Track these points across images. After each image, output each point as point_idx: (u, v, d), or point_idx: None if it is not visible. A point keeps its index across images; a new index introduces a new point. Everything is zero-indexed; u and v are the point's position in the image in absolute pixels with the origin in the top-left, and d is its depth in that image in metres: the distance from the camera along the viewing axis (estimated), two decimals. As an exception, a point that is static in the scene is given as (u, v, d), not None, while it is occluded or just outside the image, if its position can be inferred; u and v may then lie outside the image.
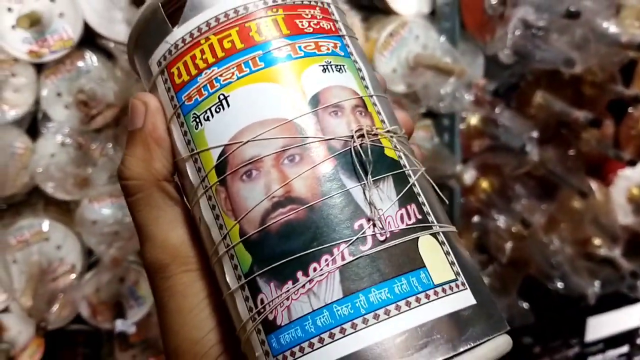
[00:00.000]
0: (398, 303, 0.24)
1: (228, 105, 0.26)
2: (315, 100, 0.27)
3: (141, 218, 0.30)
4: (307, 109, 0.26)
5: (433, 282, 0.24)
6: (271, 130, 0.26)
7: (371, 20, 0.80)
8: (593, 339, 1.11)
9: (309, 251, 0.24)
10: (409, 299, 0.24)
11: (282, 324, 0.24)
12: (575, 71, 0.83)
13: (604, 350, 1.13)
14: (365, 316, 0.23)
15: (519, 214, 0.91)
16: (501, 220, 0.90)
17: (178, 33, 0.28)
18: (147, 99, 0.30)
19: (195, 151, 0.27)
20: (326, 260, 0.24)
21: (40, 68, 0.70)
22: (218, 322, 0.30)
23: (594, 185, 1.02)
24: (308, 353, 0.24)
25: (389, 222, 0.25)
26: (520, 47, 0.80)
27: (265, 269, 0.25)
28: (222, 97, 0.27)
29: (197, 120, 0.27)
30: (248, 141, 0.26)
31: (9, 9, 0.65)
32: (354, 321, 0.23)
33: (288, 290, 0.24)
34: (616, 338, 1.13)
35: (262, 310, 0.25)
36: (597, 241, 1.03)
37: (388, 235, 0.25)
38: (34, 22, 0.62)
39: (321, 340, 0.24)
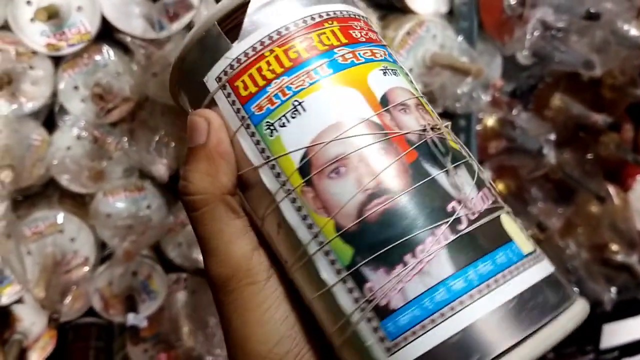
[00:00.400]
0: (502, 272, 0.26)
1: (304, 110, 0.28)
2: (385, 100, 0.29)
3: (205, 232, 0.31)
4: (381, 107, 0.29)
5: (523, 253, 0.27)
6: (353, 128, 0.28)
7: (389, 19, 0.79)
8: (608, 346, 1.10)
9: (412, 235, 0.26)
10: (510, 269, 0.26)
11: (398, 307, 0.26)
12: (595, 74, 0.82)
13: (620, 357, 1.11)
14: (479, 287, 0.26)
15: (535, 217, 0.90)
16: (516, 223, 0.89)
17: (239, 48, 0.29)
18: (208, 115, 0.31)
19: (272, 158, 0.28)
20: (430, 241, 0.26)
21: (57, 61, 0.70)
22: (284, 334, 0.30)
23: (612, 190, 1.00)
24: (431, 329, 0.25)
25: (474, 204, 0.27)
26: (539, 49, 0.79)
27: (371, 257, 0.26)
28: (296, 103, 0.28)
29: (272, 127, 0.28)
30: (332, 140, 0.27)
31: (28, 2, 0.66)
32: (470, 293, 0.25)
33: (399, 274, 0.26)
34: (632, 346, 1.12)
35: (372, 298, 0.26)
36: (614, 247, 1.01)
37: (477, 215, 0.27)
38: (52, 15, 0.63)
39: (442, 315, 0.25)
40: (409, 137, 0.28)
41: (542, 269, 0.28)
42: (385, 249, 0.26)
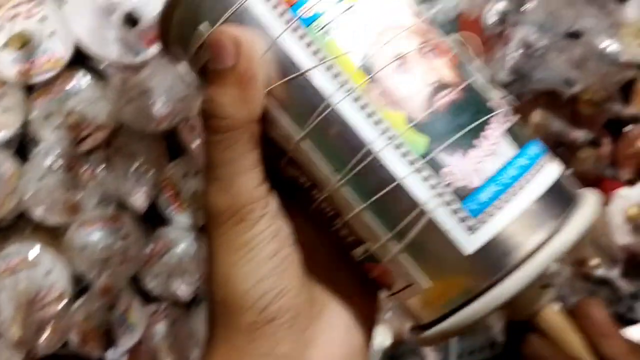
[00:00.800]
0: (544, 156, 0.32)
1: (356, 13, 0.29)
2: (420, 12, 0.32)
3: (219, 158, 0.30)
4: (422, 17, 0.32)
5: (544, 150, 0.32)
6: (406, 31, 0.30)
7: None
8: (591, 360, 1.10)
9: (479, 121, 0.29)
10: (545, 156, 0.32)
11: (478, 186, 0.28)
12: (574, 90, 0.82)
13: (603, 371, 1.11)
14: (539, 162, 0.30)
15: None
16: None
17: None
18: (237, 34, 0.29)
19: (330, 57, 0.29)
20: (493, 127, 0.30)
21: (29, 88, 0.68)
22: (266, 274, 0.30)
23: (591, 204, 1.01)
24: (514, 197, 0.29)
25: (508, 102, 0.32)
26: (518, 67, 0.79)
27: (447, 144, 0.29)
28: (347, 5, 0.29)
29: (325, 29, 0.29)
30: (390, 40, 0.29)
31: (-2, 28, 0.63)
32: (534, 167, 0.30)
33: (475, 155, 0.29)
34: (615, 359, 1.12)
35: (450, 181, 0.28)
36: (593, 261, 1.02)
37: (512, 113, 0.32)
38: (25, 42, 0.60)
39: (522, 184, 0.29)
40: (448, 41, 0.32)
41: (558, 166, 0.33)
42: (459, 134, 0.29)
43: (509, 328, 0.34)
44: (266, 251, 0.31)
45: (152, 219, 0.76)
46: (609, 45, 0.81)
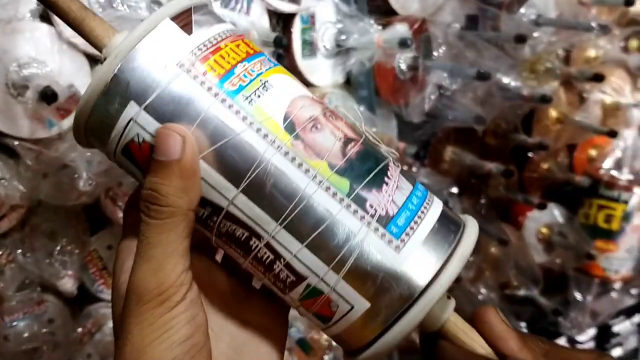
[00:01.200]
0: (430, 193, 0.38)
1: (272, 86, 0.35)
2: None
3: (155, 239, 0.32)
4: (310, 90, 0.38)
5: (425, 187, 0.39)
6: (310, 100, 0.36)
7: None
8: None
9: (382, 164, 0.35)
10: (429, 194, 0.38)
11: (395, 213, 0.34)
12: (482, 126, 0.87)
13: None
14: (429, 195, 0.37)
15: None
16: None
17: (198, 38, 0.35)
18: (181, 130, 0.32)
19: (257, 121, 0.33)
20: (392, 168, 0.36)
21: None
22: (177, 354, 0.32)
23: (507, 229, 1.05)
24: (421, 221, 0.35)
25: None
26: (431, 108, 0.82)
27: (365, 183, 0.34)
28: (263, 80, 0.35)
29: (249, 99, 0.34)
30: (302, 107, 0.35)
31: None
32: (428, 198, 0.37)
33: (387, 190, 0.34)
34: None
35: (374, 212, 0.34)
36: (515, 282, 1.06)
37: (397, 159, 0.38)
38: None
39: (423, 211, 0.35)
40: (337, 110, 0.38)
41: (440, 202, 0.38)
42: (372, 175, 0.34)
43: (423, 339, 0.38)
44: (180, 334, 0.32)
45: (79, 299, 0.71)
46: (510, 81, 0.86)
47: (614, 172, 1.05)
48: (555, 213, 1.09)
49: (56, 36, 0.63)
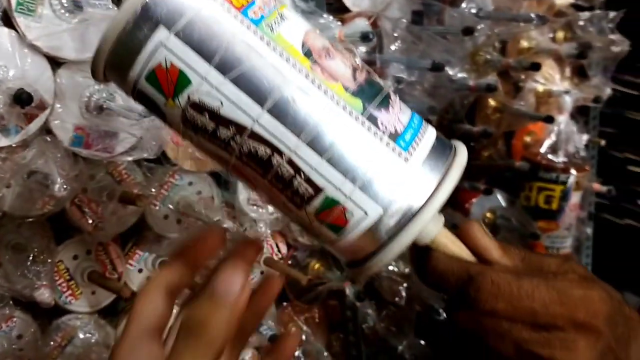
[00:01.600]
0: (425, 122, 0.41)
1: (287, 18, 0.38)
2: None
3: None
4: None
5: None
6: (318, 33, 0.39)
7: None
8: None
9: (386, 90, 0.39)
10: (425, 123, 0.41)
11: (402, 129, 0.38)
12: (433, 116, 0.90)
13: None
14: (424, 121, 0.41)
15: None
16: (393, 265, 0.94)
17: None
18: (246, 270, 0.37)
19: (280, 46, 0.36)
20: (393, 95, 0.39)
21: None
22: None
23: (456, 216, 1.10)
24: (423, 138, 0.39)
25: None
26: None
27: (375, 103, 0.38)
28: (280, 12, 0.38)
29: (271, 26, 0.37)
30: (317, 35, 0.39)
31: None
32: (424, 122, 0.40)
33: (393, 110, 0.38)
34: None
35: (384, 128, 0.37)
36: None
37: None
38: None
39: (424, 130, 0.39)
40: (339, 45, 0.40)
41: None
42: (382, 97, 0.38)
43: (415, 252, 0.41)
44: None
45: (50, 312, 0.69)
46: (456, 72, 0.90)
47: (550, 156, 1.12)
48: (498, 197, 1.14)
49: (17, 40, 0.61)
